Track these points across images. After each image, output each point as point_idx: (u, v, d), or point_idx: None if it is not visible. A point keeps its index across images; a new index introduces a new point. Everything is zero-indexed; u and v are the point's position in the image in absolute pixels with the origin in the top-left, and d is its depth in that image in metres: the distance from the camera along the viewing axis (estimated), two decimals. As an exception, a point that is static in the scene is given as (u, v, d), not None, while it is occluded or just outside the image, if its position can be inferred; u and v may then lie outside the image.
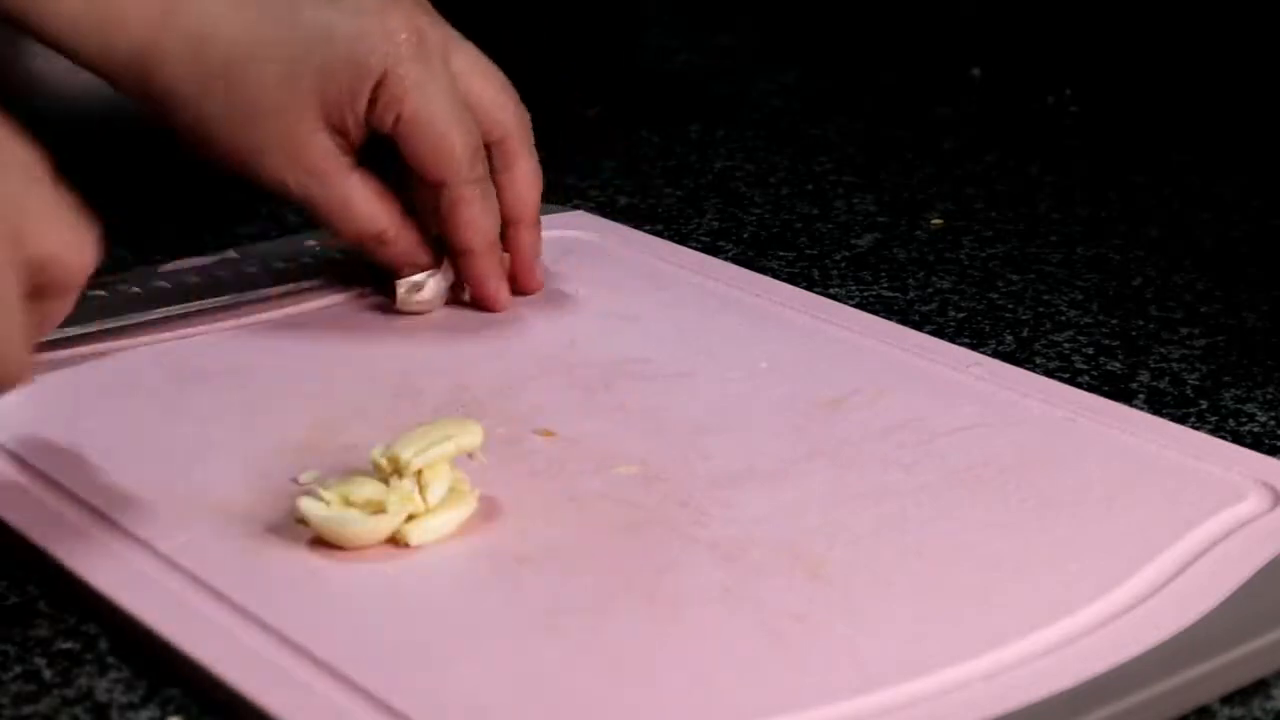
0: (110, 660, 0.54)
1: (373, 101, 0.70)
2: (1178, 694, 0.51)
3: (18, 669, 0.54)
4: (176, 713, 0.52)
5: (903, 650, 0.52)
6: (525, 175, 0.75)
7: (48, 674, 0.53)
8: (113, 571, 0.56)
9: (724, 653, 0.53)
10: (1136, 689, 0.50)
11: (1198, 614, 0.54)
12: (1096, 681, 0.51)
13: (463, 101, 0.72)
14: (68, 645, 0.55)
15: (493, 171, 0.74)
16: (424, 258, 0.74)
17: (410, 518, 0.57)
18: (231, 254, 0.80)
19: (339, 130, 0.71)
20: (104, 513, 0.59)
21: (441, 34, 0.72)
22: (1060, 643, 0.53)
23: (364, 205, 0.72)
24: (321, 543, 0.57)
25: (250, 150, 0.71)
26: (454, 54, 0.72)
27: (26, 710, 0.52)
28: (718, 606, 0.55)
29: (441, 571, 0.56)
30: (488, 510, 0.60)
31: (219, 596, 0.55)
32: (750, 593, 0.55)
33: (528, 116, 0.75)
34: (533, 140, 0.75)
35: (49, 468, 0.61)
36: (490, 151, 0.74)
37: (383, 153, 0.72)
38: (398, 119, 0.70)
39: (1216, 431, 0.67)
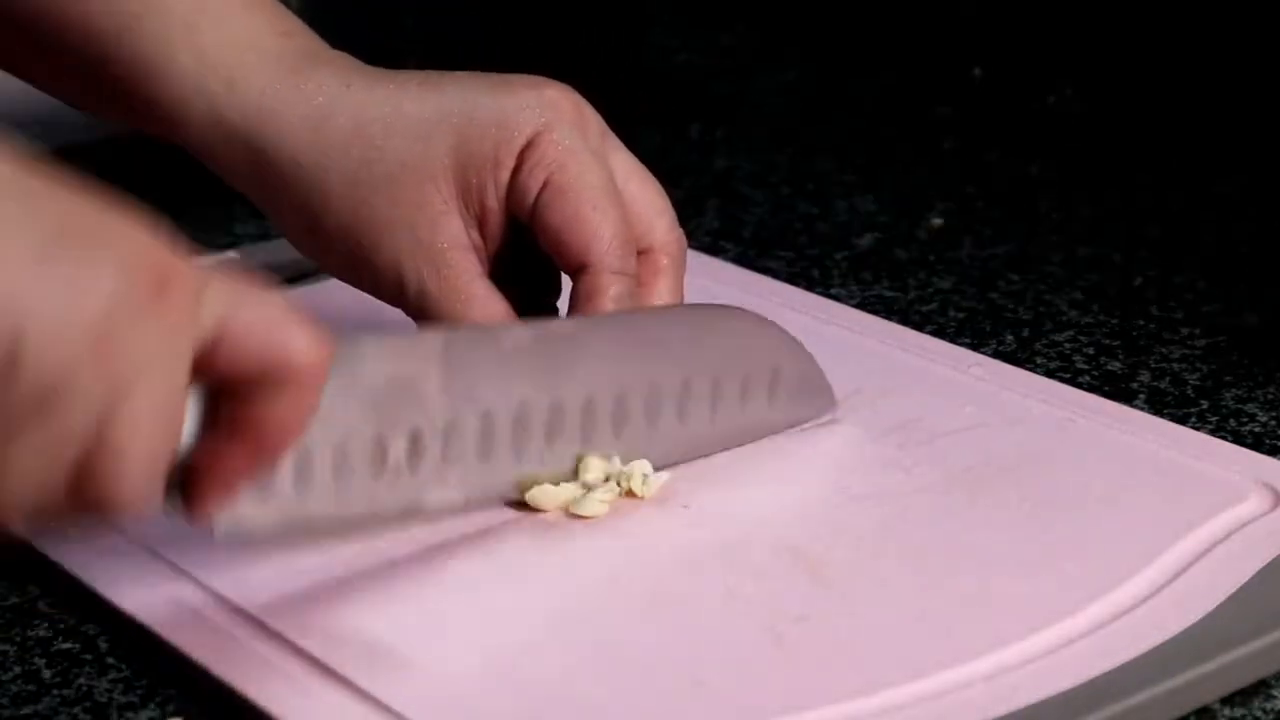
0: (110, 660, 0.54)
1: (518, 168, 0.62)
2: (1178, 694, 0.51)
3: (18, 669, 0.54)
4: (176, 713, 0.52)
5: (903, 651, 0.52)
6: (670, 299, 0.64)
7: (47, 674, 0.53)
8: (113, 571, 0.56)
9: (724, 653, 0.53)
10: (1136, 689, 0.50)
11: (1198, 614, 0.54)
12: (1097, 682, 0.51)
13: (618, 192, 0.63)
14: (68, 645, 0.55)
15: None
16: None
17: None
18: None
19: (475, 217, 0.62)
20: (104, 513, 0.59)
21: (601, 122, 0.64)
22: (1061, 644, 0.52)
23: (485, 318, 0.62)
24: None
25: (369, 227, 0.62)
26: (612, 151, 0.64)
27: (26, 710, 0.52)
28: (718, 606, 0.55)
29: (440, 573, 0.56)
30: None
31: (219, 597, 0.55)
32: (750, 593, 0.55)
33: (685, 240, 0.65)
34: (685, 266, 0.65)
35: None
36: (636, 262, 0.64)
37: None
38: (545, 185, 0.61)
39: (1217, 432, 0.67)
